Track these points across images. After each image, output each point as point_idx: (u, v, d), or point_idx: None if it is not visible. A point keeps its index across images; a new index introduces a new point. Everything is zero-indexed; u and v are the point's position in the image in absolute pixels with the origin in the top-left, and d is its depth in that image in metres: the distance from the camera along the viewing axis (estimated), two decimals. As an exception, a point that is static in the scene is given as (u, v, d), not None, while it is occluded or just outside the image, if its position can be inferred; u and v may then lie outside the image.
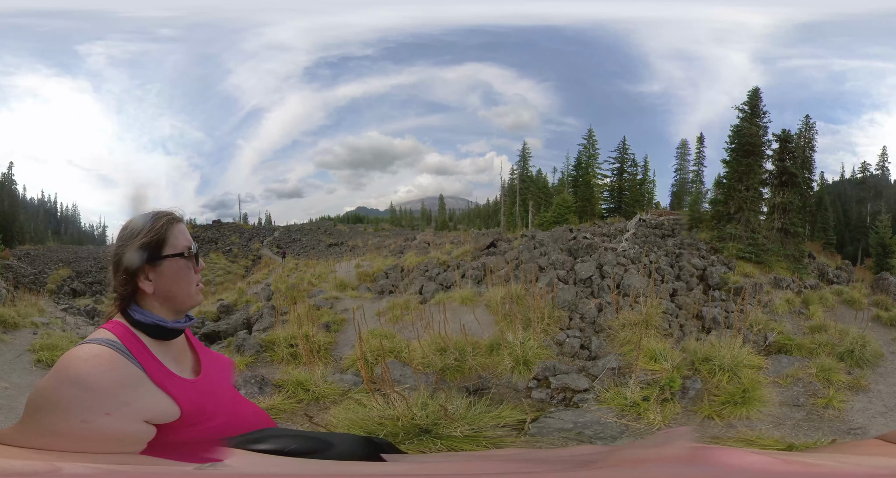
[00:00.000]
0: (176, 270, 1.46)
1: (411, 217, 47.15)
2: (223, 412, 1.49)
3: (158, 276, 1.44)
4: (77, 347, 1.28)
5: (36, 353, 7.65)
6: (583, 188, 27.78)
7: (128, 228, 1.45)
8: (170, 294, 1.46)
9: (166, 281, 1.45)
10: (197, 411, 1.39)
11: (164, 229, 1.46)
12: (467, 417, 4.46)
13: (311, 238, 39.29)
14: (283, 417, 5.14)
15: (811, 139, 23.41)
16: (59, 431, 1.18)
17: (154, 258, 1.44)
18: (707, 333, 8.40)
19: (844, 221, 25.77)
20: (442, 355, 6.41)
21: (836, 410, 5.47)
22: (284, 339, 7.55)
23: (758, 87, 18.84)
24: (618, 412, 5.07)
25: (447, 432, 4.21)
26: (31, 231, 32.96)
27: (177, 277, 1.47)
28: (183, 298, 1.49)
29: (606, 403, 5.28)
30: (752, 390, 5.51)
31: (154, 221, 1.46)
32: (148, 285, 1.43)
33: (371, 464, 1.34)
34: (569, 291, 9.51)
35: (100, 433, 1.20)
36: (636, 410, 5.05)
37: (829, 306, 11.75)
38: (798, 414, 5.42)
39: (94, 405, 1.20)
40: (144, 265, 1.42)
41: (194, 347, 1.63)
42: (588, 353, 7.16)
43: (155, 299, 1.44)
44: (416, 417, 4.23)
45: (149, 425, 1.29)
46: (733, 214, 17.49)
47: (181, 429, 1.36)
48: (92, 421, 1.19)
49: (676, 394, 5.38)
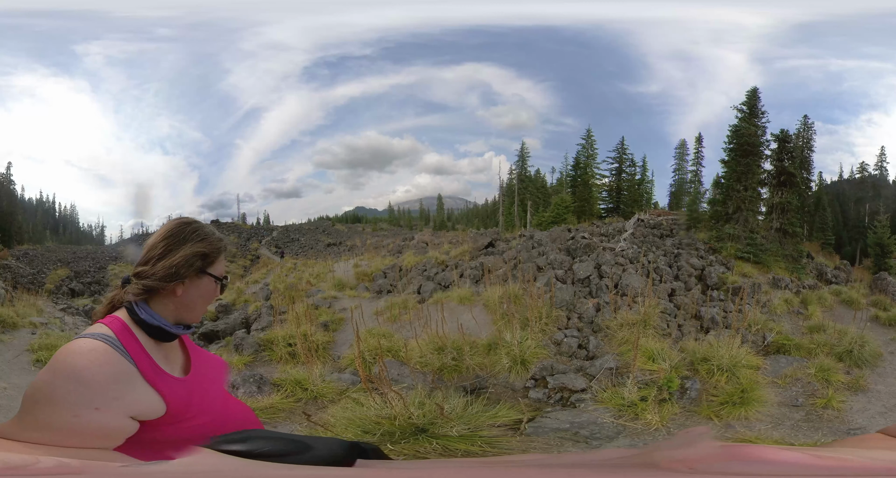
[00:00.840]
0: (209, 289, 1.52)
1: (409, 217, 47.13)
2: (210, 412, 1.50)
3: (193, 287, 1.48)
4: (73, 341, 1.29)
5: (34, 353, 7.66)
6: (581, 188, 27.77)
7: (195, 229, 1.49)
8: (190, 306, 1.49)
9: (195, 294, 1.49)
10: (183, 409, 1.40)
11: (221, 250, 1.53)
12: (464, 416, 4.46)
13: (310, 238, 39.27)
14: (282, 416, 5.14)
15: (810, 139, 23.43)
16: (51, 424, 1.19)
17: (204, 269, 1.49)
18: (706, 333, 8.40)
19: (843, 222, 25.77)
20: (439, 355, 6.42)
21: (836, 410, 5.46)
22: (283, 338, 7.58)
23: (756, 88, 18.87)
24: (615, 413, 5.05)
25: (443, 431, 4.21)
26: (30, 231, 32.94)
27: (205, 296, 1.52)
28: (196, 314, 1.53)
29: (604, 403, 5.28)
30: (751, 390, 5.50)
31: (218, 240, 1.53)
32: (180, 289, 1.45)
33: (338, 469, 1.31)
34: (567, 291, 9.50)
35: (88, 428, 1.21)
36: (633, 410, 5.03)
37: (827, 306, 11.71)
38: (797, 414, 5.40)
39: (86, 400, 1.20)
40: (191, 272, 1.46)
41: (186, 347, 1.63)
42: (586, 353, 7.15)
43: (174, 303, 1.46)
44: (413, 416, 4.24)
45: (133, 421, 1.30)
46: (732, 214, 17.49)
47: (163, 426, 1.36)
48: (82, 415, 1.19)
49: (675, 394, 5.36)
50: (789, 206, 17.96)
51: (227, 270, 1.61)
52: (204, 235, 1.50)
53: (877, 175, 26.59)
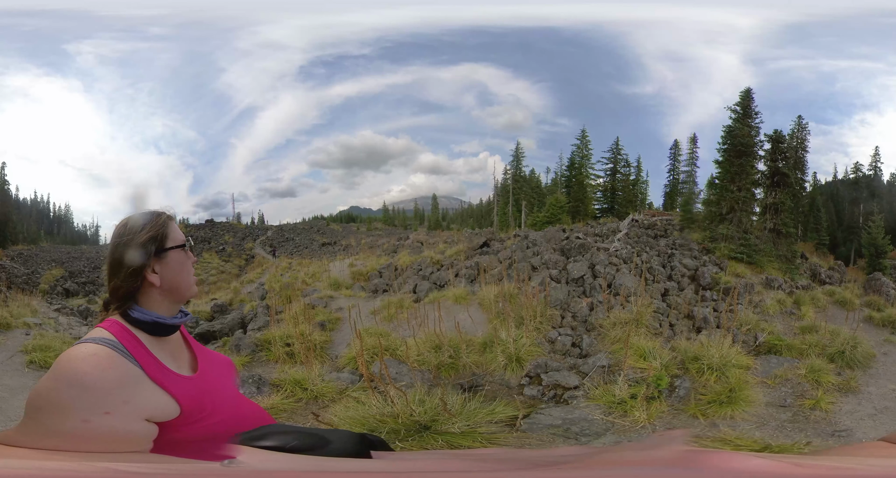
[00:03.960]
0: (179, 261, 1.55)
1: (404, 217, 47.10)
2: (224, 410, 1.51)
3: (164, 267, 1.50)
4: (74, 346, 1.29)
5: (29, 354, 7.51)
6: (576, 188, 27.82)
7: (128, 226, 1.50)
8: (174, 284, 1.52)
9: (171, 272, 1.52)
10: (196, 408, 1.41)
11: (165, 224, 1.54)
12: (463, 413, 4.55)
13: (305, 237, 39.19)
14: (284, 416, 5.19)
15: (804, 140, 23.55)
16: (60, 431, 1.19)
17: (160, 251, 1.51)
18: (697, 333, 8.43)
19: (837, 222, 25.87)
20: (436, 353, 6.48)
21: (824, 411, 5.42)
22: (280, 338, 7.59)
23: (749, 88, 18.90)
24: (605, 410, 5.12)
25: (445, 428, 4.29)
26: (24, 231, 32.81)
27: (180, 268, 1.54)
28: (186, 288, 1.56)
29: (595, 400, 5.35)
30: (739, 389, 5.51)
31: (155, 218, 1.54)
32: (155, 278, 1.48)
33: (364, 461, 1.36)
34: (561, 291, 9.56)
35: (101, 433, 1.20)
36: (623, 407, 5.09)
37: (820, 307, 11.62)
38: (783, 415, 5.38)
39: (93, 405, 1.20)
40: (153, 258, 1.48)
41: (191, 345, 1.65)
42: (579, 351, 7.22)
43: (160, 292, 1.50)
44: (415, 413, 4.31)
45: (150, 424, 1.30)
46: (725, 214, 17.51)
47: (182, 426, 1.37)
48: (92, 420, 1.19)
49: (664, 392, 5.41)
50: (783, 206, 17.97)
51: (186, 235, 1.62)
52: (141, 224, 1.51)
53: (871, 175, 26.71)
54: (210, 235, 39.12)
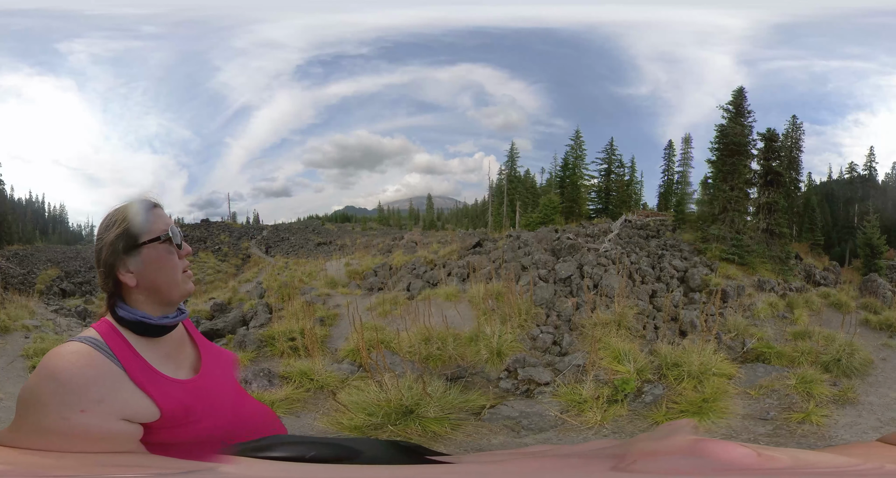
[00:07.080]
0: (156, 256, 1.39)
1: (399, 216, 47.02)
2: (220, 414, 1.45)
3: (139, 265, 1.38)
4: (61, 345, 1.28)
5: (30, 359, 7.38)
6: (570, 189, 27.81)
7: (103, 221, 1.40)
8: (154, 284, 1.39)
9: (148, 270, 1.38)
10: (182, 413, 1.35)
11: (135, 216, 1.40)
12: (441, 400, 4.86)
13: (300, 237, 39.19)
14: (298, 405, 5.39)
15: (798, 139, 23.53)
16: (42, 428, 1.18)
17: (130, 247, 1.37)
18: (682, 337, 8.19)
19: (832, 222, 25.87)
20: (426, 344, 6.79)
21: (815, 425, 4.95)
22: (283, 333, 7.91)
23: (742, 87, 18.85)
24: (563, 407, 5.20)
25: (423, 412, 4.64)
26: (20, 231, 32.81)
27: (158, 265, 1.40)
28: (169, 287, 1.42)
29: (560, 397, 5.44)
30: (714, 400, 5.22)
31: (124, 211, 1.41)
32: (129, 278, 1.37)
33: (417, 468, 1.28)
34: (547, 290, 9.66)
35: (80, 431, 1.19)
36: (582, 407, 5.12)
37: (815, 310, 11.08)
38: (761, 428, 4.96)
39: (70, 402, 1.18)
40: (123, 256, 1.37)
41: (196, 344, 1.58)
42: (559, 349, 7.34)
43: (140, 292, 1.39)
44: (404, 398, 4.67)
45: (131, 424, 1.27)
46: (718, 214, 17.45)
47: (163, 430, 1.33)
48: (70, 418, 1.18)
49: (629, 396, 5.32)
50: (777, 206, 17.90)
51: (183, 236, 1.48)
52: (114, 220, 1.40)
53: (866, 175, 26.72)
54: (206, 234, 39.08)
